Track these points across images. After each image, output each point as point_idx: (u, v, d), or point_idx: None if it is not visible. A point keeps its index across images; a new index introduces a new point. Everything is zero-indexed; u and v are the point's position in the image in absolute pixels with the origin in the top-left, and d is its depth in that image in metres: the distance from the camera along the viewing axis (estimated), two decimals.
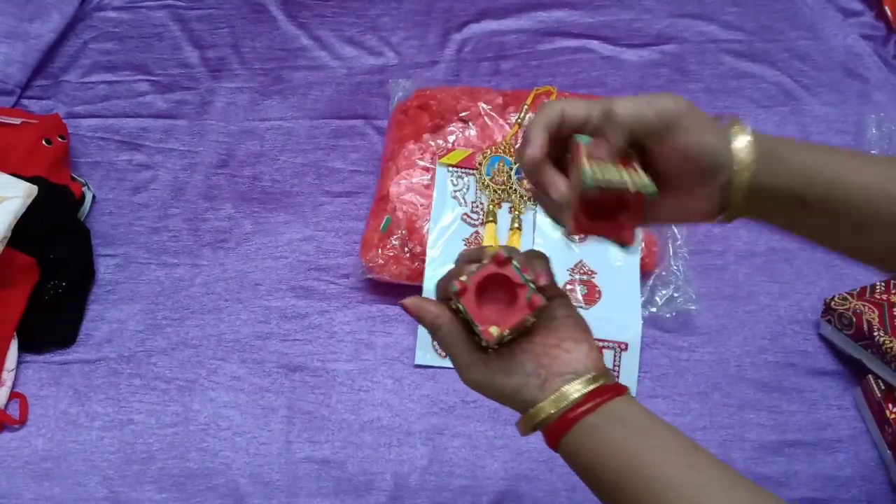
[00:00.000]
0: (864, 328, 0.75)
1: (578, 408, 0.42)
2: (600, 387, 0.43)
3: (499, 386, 0.45)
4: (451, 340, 0.46)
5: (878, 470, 0.75)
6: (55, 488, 0.73)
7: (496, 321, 0.43)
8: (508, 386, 0.44)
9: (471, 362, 0.45)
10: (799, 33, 1.03)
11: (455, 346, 0.46)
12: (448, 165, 0.86)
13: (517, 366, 0.45)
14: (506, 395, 0.45)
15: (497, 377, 0.45)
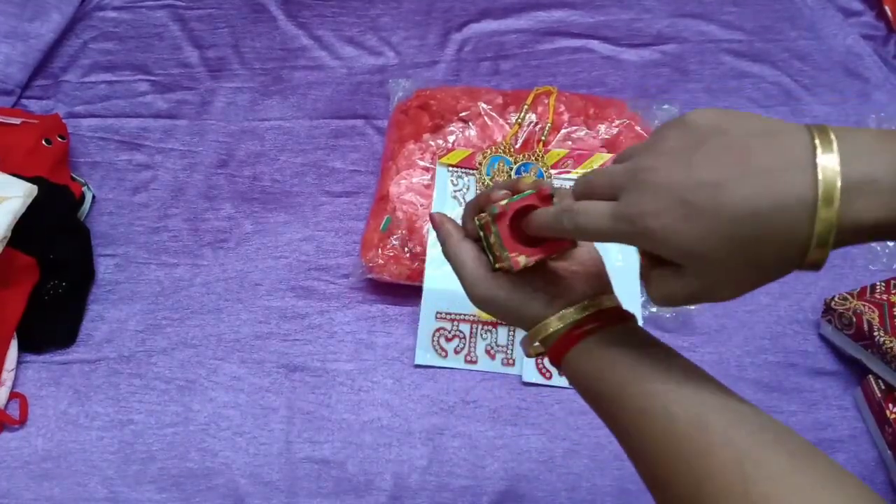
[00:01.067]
0: (864, 328, 0.75)
1: (584, 325, 0.43)
2: (607, 309, 0.44)
3: (503, 300, 0.45)
4: (464, 256, 0.47)
5: (879, 470, 0.74)
6: (55, 488, 0.72)
7: (521, 251, 0.44)
8: (513, 300, 0.45)
9: (478, 277, 0.46)
10: (799, 33, 1.03)
11: (466, 261, 0.47)
12: (448, 165, 0.86)
13: (525, 284, 0.45)
14: (511, 308, 0.45)
15: (503, 293, 0.45)
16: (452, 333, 0.80)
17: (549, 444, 0.75)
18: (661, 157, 0.34)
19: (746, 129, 0.32)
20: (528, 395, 0.78)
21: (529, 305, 0.45)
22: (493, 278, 0.46)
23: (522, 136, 0.88)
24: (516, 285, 0.45)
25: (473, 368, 0.79)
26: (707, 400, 0.38)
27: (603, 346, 0.42)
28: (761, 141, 0.31)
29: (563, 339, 0.43)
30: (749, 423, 0.37)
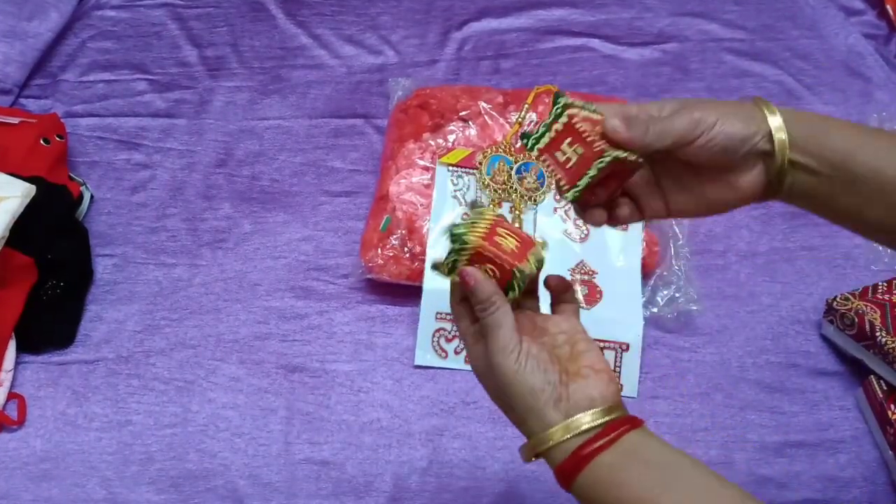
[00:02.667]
0: (866, 328, 0.75)
1: (593, 442, 0.41)
2: (616, 419, 0.42)
3: (519, 381, 0.43)
4: (504, 318, 0.44)
5: (881, 471, 0.74)
6: (53, 489, 0.72)
7: None
8: (526, 386, 0.43)
9: (507, 346, 0.44)
10: (800, 32, 1.03)
11: (501, 322, 0.44)
12: (448, 165, 0.85)
13: (543, 366, 0.43)
14: (522, 393, 0.43)
15: (523, 371, 0.43)
16: (452, 334, 0.80)
17: None
18: None
19: None
20: None
21: (538, 395, 0.42)
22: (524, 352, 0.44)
23: None
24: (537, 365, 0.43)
25: None
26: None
27: (617, 468, 0.40)
28: None
29: (570, 460, 0.41)
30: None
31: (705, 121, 0.44)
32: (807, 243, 0.87)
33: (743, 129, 0.44)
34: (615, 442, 0.41)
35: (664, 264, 0.83)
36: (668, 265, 0.83)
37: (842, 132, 0.45)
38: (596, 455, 0.40)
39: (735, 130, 0.44)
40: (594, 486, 0.40)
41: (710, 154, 0.45)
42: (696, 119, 0.44)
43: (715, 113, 0.44)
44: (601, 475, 0.40)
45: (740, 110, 0.45)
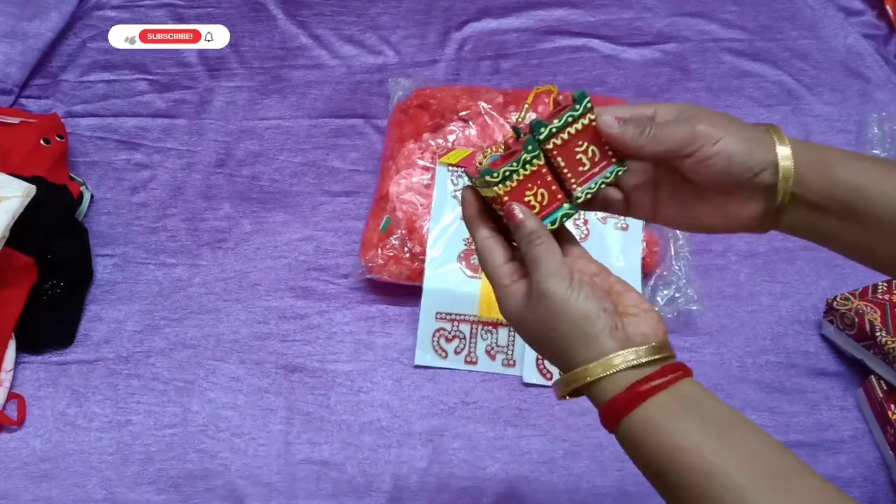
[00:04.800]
0: (866, 328, 0.75)
1: (651, 380, 0.38)
2: (669, 361, 0.40)
3: (572, 307, 0.40)
4: (553, 246, 0.42)
5: (881, 471, 0.74)
6: (53, 489, 0.72)
7: None
8: (580, 311, 0.40)
9: (559, 271, 0.41)
10: (800, 32, 1.03)
11: (552, 251, 0.42)
12: (448, 165, 0.85)
13: (597, 294, 0.41)
14: (576, 320, 0.40)
15: (577, 296, 0.40)
16: (452, 334, 0.80)
17: (549, 446, 0.75)
18: None
19: None
20: (529, 396, 0.78)
21: (593, 321, 0.40)
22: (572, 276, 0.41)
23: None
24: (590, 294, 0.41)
25: (474, 369, 0.79)
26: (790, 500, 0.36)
27: (672, 413, 0.38)
28: None
29: (625, 395, 0.38)
30: None
31: (707, 135, 0.42)
32: (806, 243, 0.85)
33: (745, 152, 0.42)
34: (673, 384, 0.38)
35: (664, 264, 0.83)
36: (667, 265, 0.83)
37: (853, 165, 0.42)
38: (654, 393, 0.38)
39: (737, 152, 0.42)
40: (644, 426, 0.38)
41: (707, 173, 0.42)
42: (697, 131, 0.42)
43: (721, 129, 0.42)
44: (654, 416, 0.38)
45: (748, 133, 0.43)
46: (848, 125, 0.95)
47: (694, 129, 0.42)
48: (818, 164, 0.42)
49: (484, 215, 0.45)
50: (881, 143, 0.93)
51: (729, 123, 0.43)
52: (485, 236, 0.44)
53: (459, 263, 0.81)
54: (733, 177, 0.42)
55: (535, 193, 0.44)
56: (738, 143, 0.42)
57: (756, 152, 0.42)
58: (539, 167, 0.43)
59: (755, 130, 0.44)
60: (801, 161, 0.42)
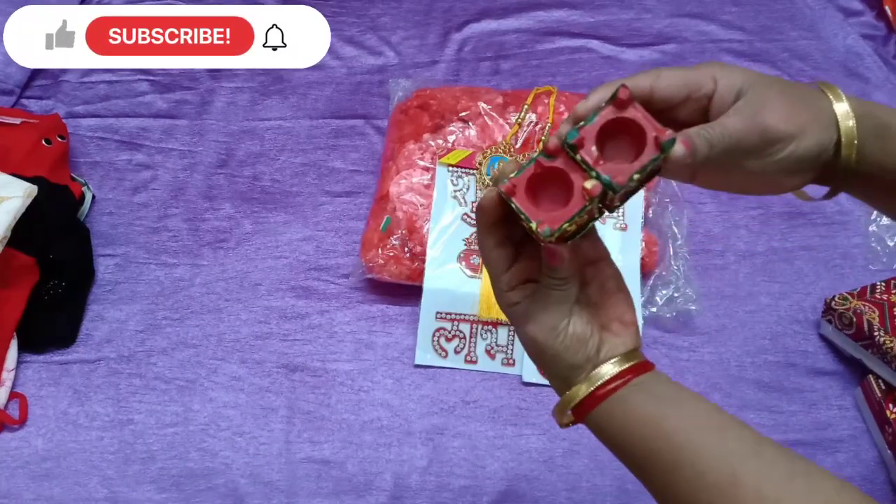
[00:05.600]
0: (864, 328, 0.75)
1: (609, 384, 0.42)
2: (632, 365, 0.43)
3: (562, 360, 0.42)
4: (570, 296, 0.43)
5: (879, 470, 0.74)
6: (55, 488, 0.72)
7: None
8: (567, 362, 0.42)
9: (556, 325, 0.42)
10: (799, 33, 1.03)
11: (563, 302, 0.42)
12: (448, 165, 0.86)
13: (584, 340, 0.42)
14: (560, 367, 0.43)
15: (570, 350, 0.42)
16: (452, 333, 0.80)
17: (549, 444, 0.75)
18: None
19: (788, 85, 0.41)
20: (529, 395, 0.78)
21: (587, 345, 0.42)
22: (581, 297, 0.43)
23: (522, 136, 0.88)
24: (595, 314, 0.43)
25: (473, 368, 0.79)
26: (734, 449, 0.39)
27: (627, 400, 0.41)
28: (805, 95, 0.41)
29: (587, 400, 0.42)
30: (778, 470, 0.38)
31: (779, 137, 0.38)
32: (805, 243, 0.87)
33: (817, 148, 0.39)
34: (628, 382, 0.42)
35: (663, 264, 0.83)
36: (666, 265, 0.83)
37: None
38: (611, 394, 0.42)
39: (809, 153, 0.39)
40: (605, 416, 0.42)
41: (767, 168, 0.40)
42: (769, 131, 0.38)
43: (793, 124, 0.38)
44: (613, 407, 0.42)
45: (817, 113, 0.39)
46: None
47: (766, 130, 0.39)
48: (884, 138, 0.40)
49: (498, 224, 0.43)
50: None
51: (801, 110, 0.39)
52: (492, 246, 0.43)
53: (459, 263, 0.82)
54: (795, 170, 0.41)
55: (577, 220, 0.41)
56: (811, 140, 0.39)
57: (825, 136, 0.39)
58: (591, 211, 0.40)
59: (818, 105, 0.40)
60: (866, 140, 0.40)
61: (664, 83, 0.40)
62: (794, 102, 0.40)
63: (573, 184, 0.39)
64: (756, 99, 0.39)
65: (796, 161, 0.40)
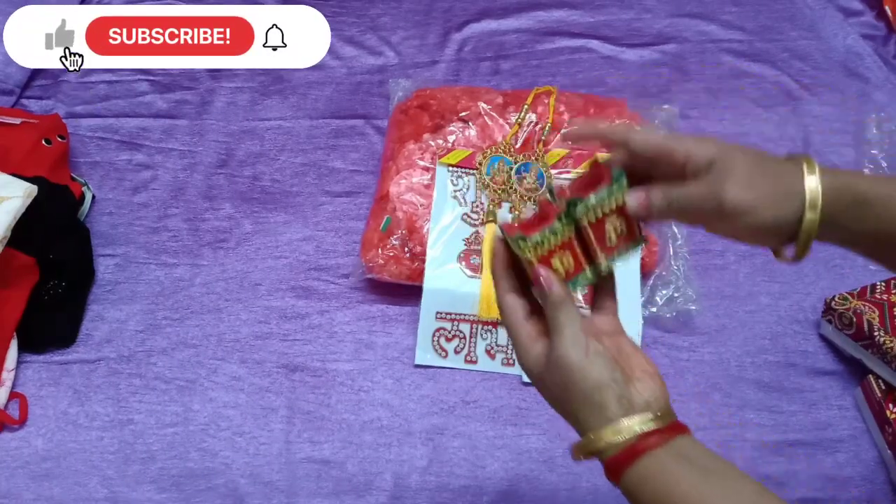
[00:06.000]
0: (864, 328, 0.75)
1: (646, 438, 0.41)
2: (671, 423, 0.43)
3: (587, 376, 0.42)
4: (575, 315, 0.44)
5: (879, 470, 0.74)
6: (55, 488, 0.72)
7: None
8: (592, 380, 0.42)
9: (578, 341, 0.43)
10: (799, 33, 1.03)
11: (574, 319, 0.43)
12: (448, 165, 0.86)
13: (610, 364, 0.43)
14: (588, 388, 0.43)
15: (591, 366, 0.42)
16: (452, 333, 0.80)
17: (549, 444, 0.75)
18: None
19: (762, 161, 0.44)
20: (529, 395, 0.78)
21: (603, 391, 0.42)
22: (590, 348, 0.43)
23: (522, 136, 0.88)
24: (605, 364, 0.43)
25: (473, 368, 0.79)
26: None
27: (665, 464, 0.41)
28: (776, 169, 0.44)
29: (623, 454, 0.41)
30: None
31: (737, 209, 0.42)
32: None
33: (775, 219, 0.42)
34: (668, 441, 0.41)
35: (663, 264, 0.83)
36: (666, 265, 0.83)
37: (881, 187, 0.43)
38: (648, 450, 0.41)
39: (766, 223, 0.43)
40: (643, 479, 0.41)
41: (731, 233, 0.44)
42: (726, 204, 0.42)
43: (752, 195, 0.42)
44: (651, 469, 0.41)
45: (779, 190, 0.42)
46: (847, 126, 0.95)
47: (723, 201, 0.42)
48: (862, 210, 0.43)
49: (510, 269, 0.46)
50: (879, 144, 0.93)
51: (762, 181, 0.42)
52: (507, 290, 0.46)
53: (459, 263, 0.82)
54: (760, 235, 0.44)
55: (563, 259, 0.45)
56: (767, 214, 0.42)
57: (787, 209, 0.42)
58: (570, 237, 0.45)
59: (782, 179, 0.43)
60: (839, 214, 0.42)
61: (639, 140, 0.45)
62: (756, 178, 0.43)
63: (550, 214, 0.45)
64: (722, 171, 0.43)
65: (757, 229, 0.43)
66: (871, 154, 0.92)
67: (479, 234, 0.83)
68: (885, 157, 0.92)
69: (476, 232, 0.83)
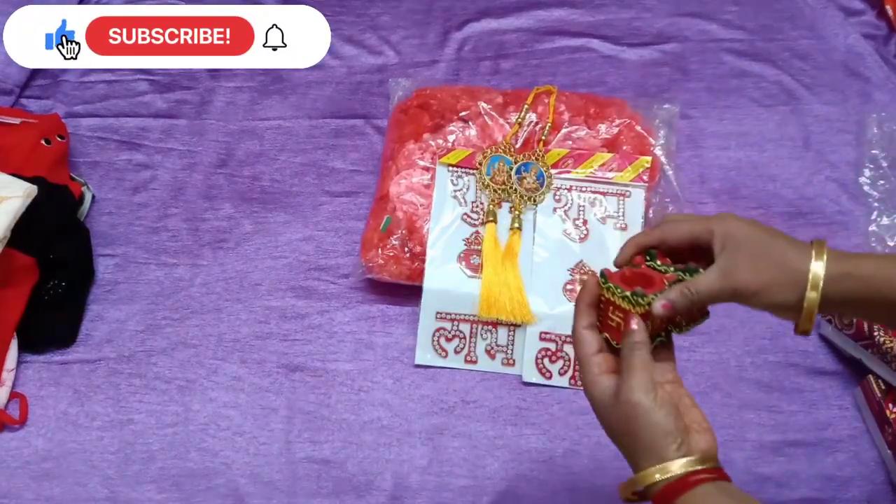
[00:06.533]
0: (864, 328, 0.75)
1: (698, 474, 0.44)
2: (717, 466, 0.46)
3: (655, 420, 0.45)
4: (649, 360, 0.47)
5: (879, 470, 0.74)
6: (55, 488, 0.73)
7: None
8: (660, 426, 0.45)
9: (648, 386, 0.46)
10: (800, 32, 1.03)
11: (647, 365, 0.47)
12: (448, 165, 0.86)
13: (675, 412, 0.46)
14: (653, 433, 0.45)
15: (660, 412, 0.45)
16: (452, 333, 0.80)
17: (549, 444, 0.75)
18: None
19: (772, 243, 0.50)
20: (529, 395, 0.78)
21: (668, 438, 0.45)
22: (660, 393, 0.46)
23: (523, 136, 0.88)
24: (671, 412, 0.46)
25: (473, 368, 0.79)
26: None
27: (716, 494, 0.44)
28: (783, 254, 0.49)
29: (677, 483, 0.44)
30: None
31: (746, 290, 0.47)
32: None
33: (780, 304, 0.48)
34: (715, 480, 0.44)
35: None
36: None
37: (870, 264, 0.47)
38: (699, 483, 0.44)
39: (773, 303, 0.48)
40: None
41: (753, 309, 0.49)
42: (739, 289, 0.48)
43: (758, 281, 0.47)
44: (700, 499, 0.44)
45: (784, 274, 0.47)
46: (847, 125, 0.95)
47: (735, 289, 0.48)
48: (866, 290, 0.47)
49: (592, 307, 0.50)
50: (880, 144, 0.93)
51: (767, 271, 0.48)
52: (586, 325, 0.50)
53: (459, 263, 0.82)
54: (773, 312, 0.50)
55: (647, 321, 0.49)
56: (775, 296, 0.48)
57: (790, 296, 0.48)
58: None
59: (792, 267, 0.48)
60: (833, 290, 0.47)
61: (672, 237, 0.51)
62: (763, 264, 0.48)
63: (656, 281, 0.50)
64: (731, 258, 0.48)
65: (768, 308, 0.49)
66: (872, 154, 0.92)
67: (479, 234, 0.83)
68: (885, 157, 0.92)
69: (476, 232, 0.83)
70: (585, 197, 0.85)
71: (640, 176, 0.85)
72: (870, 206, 0.89)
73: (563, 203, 0.85)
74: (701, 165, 0.92)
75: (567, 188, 0.85)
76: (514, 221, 0.83)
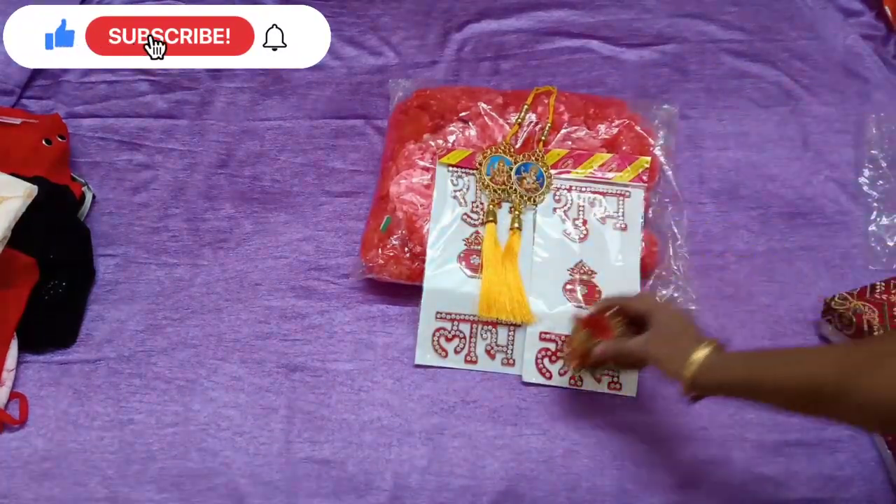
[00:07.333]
0: (864, 328, 0.75)
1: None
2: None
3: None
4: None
5: (878, 470, 0.74)
6: (55, 488, 0.72)
7: None
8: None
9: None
10: (799, 33, 1.03)
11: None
12: (448, 165, 0.86)
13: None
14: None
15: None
16: (452, 333, 0.80)
17: (548, 444, 0.75)
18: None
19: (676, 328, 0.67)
20: (528, 394, 0.78)
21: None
22: None
23: (522, 136, 0.88)
24: None
25: (473, 368, 0.79)
26: None
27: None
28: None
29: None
30: None
31: (651, 358, 0.66)
32: (805, 244, 0.87)
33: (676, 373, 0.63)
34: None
35: (663, 264, 0.83)
36: (666, 265, 0.83)
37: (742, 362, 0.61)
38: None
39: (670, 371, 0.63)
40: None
41: None
42: (649, 356, 0.66)
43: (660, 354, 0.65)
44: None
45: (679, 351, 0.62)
46: (847, 126, 0.95)
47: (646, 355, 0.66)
48: (725, 383, 0.61)
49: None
50: (879, 144, 0.93)
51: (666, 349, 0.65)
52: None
53: (459, 263, 0.82)
54: None
55: None
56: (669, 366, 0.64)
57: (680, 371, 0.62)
58: None
59: (685, 349, 0.63)
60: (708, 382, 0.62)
61: (630, 308, 0.70)
62: (665, 343, 0.65)
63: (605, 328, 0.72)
64: (654, 330, 0.66)
65: (666, 375, 0.64)
66: (871, 154, 0.93)
67: (479, 234, 0.83)
68: (884, 158, 0.92)
69: (476, 232, 0.83)
70: (585, 197, 0.85)
71: (640, 176, 0.85)
72: (869, 206, 0.89)
73: (563, 203, 0.85)
74: (700, 166, 0.92)
75: (567, 188, 0.85)
76: (514, 221, 0.83)
